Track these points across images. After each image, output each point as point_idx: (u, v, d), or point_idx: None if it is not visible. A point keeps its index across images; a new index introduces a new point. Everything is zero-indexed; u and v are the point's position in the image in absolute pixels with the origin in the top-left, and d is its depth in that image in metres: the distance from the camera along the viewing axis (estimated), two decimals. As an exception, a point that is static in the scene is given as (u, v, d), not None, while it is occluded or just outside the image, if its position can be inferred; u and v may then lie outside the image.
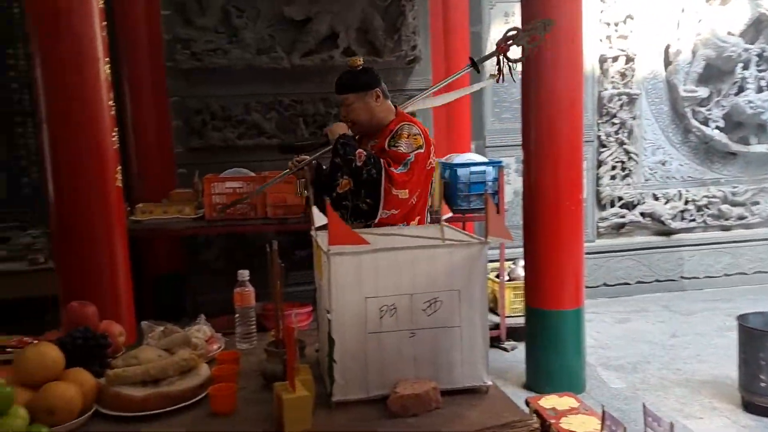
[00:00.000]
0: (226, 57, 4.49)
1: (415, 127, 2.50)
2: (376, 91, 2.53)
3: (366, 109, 2.53)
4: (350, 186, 2.41)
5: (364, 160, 2.38)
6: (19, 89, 4.49)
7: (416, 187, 2.44)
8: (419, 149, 2.44)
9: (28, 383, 1.39)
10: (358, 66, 2.56)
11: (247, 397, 1.55)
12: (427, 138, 2.50)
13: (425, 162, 2.48)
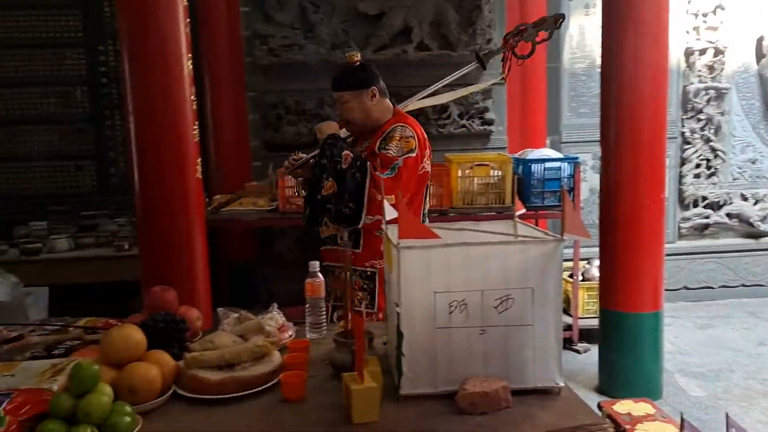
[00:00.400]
0: (301, 52, 4.58)
1: (409, 129, 2.36)
2: (372, 89, 2.38)
3: (361, 108, 2.39)
4: (334, 188, 2.29)
5: (350, 163, 2.26)
6: (108, 84, 4.74)
7: (405, 193, 2.28)
8: (410, 153, 2.31)
9: (113, 363, 1.46)
10: (355, 62, 2.42)
11: (316, 385, 1.57)
12: (421, 140, 2.36)
13: (416, 166, 2.33)
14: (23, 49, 4.63)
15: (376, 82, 2.40)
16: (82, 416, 1.25)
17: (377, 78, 2.43)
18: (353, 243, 2.36)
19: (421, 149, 2.35)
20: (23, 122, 4.68)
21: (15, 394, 1.32)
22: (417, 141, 2.34)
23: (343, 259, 1.67)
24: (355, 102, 2.39)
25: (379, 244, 2.31)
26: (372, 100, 2.38)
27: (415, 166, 2.32)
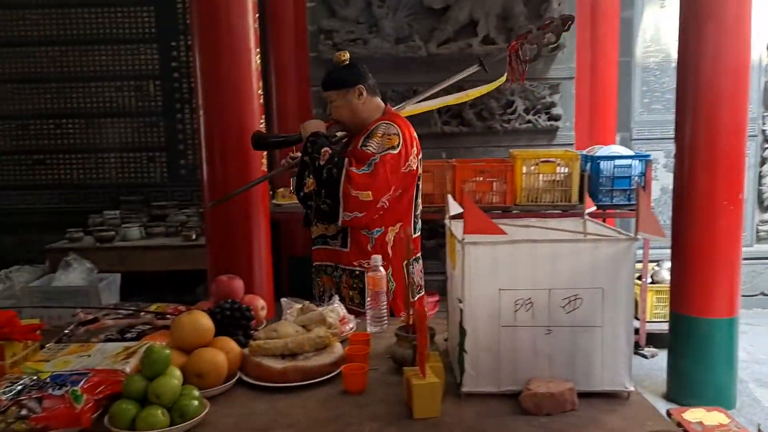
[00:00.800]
0: (365, 47, 4.59)
1: (394, 126, 2.29)
2: (358, 87, 2.33)
3: (348, 106, 2.35)
4: (315, 186, 2.29)
5: (327, 159, 2.23)
6: (179, 78, 4.89)
7: (384, 190, 2.23)
8: (390, 150, 2.24)
9: (182, 347, 1.51)
10: (343, 61, 2.38)
11: (377, 378, 1.57)
12: (407, 139, 2.29)
13: (398, 163, 2.25)
14: (101, 45, 4.84)
15: (363, 81, 2.35)
16: (153, 398, 1.30)
17: (365, 77, 2.38)
18: (341, 242, 2.34)
19: (407, 147, 2.29)
20: (99, 115, 4.89)
21: (91, 374, 1.38)
22: (401, 139, 2.27)
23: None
24: (342, 101, 2.36)
25: (366, 244, 2.31)
26: (359, 99, 2.34)
27: (397, 163, 2.25)
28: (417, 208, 2.44)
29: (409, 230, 2.34)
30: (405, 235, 1.84)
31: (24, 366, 1.52)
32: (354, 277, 2.35)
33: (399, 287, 2.34)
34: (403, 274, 2.28)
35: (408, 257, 1.74)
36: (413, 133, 2.36)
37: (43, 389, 1.31)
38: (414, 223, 2.42)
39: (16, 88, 4.84)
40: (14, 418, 1.24)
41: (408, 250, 1.71)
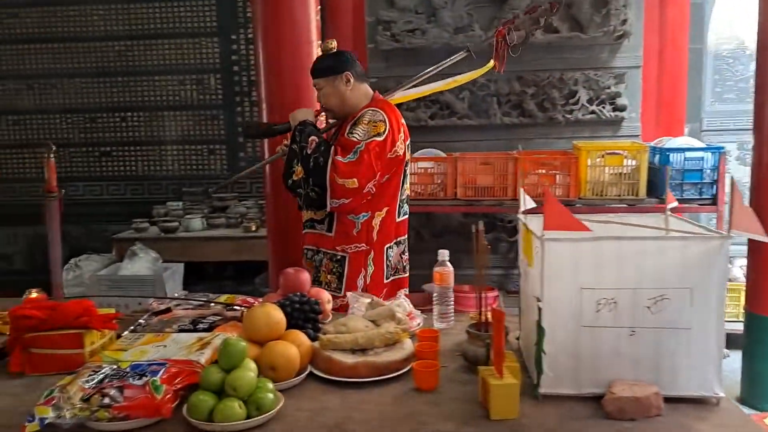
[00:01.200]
0: (423, 37, 4.53)
1: (380, 113, 2.31)
2: (345, 74, 2.36)
3: (336, 94, 2.39)
4: (303, 174, 2.31)
5: (314, 147, 2.26)
6: (239, 71, 4.96)
7: (369, 176, 2.25)
8: (376, 137, 2.26)
9: (255, 340, 1.51)
10: (331, 49, 2.41)
11: (448, 376, 1.54)
12: (394, 125, 2.31)
13: (384, 150, 2.27)
14: (164, 40, 4.94)
15: (350, 68, 2.38)
16: (230, 390, 1.30)
17: (352, 63, 2.40)
18: (327, 227, 2.38)
19: (393, 133, 2.30)
20: (162, 108, 5.01)
21: (169, 364, 1.40)
22: (388, 125, 2.29)
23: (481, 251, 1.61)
24: (330, 88, 2.39)
25: (351, 229, 2.35)
26: (347, 86, 2.37)
27: (383, 150, 2.27)
28: (403, 193, 2.46)
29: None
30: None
31: (103, 354, 1.56)
32: (335, 262, 2.38)
33: (377, 271, 2.38)
34: (382, 257, 2.43)
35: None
36: (400, 119, 2.39)
37: (123, 378, 1.34)
38: (399, 208, 2.46)
39: (84, 83, 5.01)
40: (97, 407, 1.27)
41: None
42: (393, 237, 2.45)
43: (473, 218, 4.64)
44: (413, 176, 4.02)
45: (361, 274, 2.38)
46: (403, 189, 2.46)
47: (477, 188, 3.92)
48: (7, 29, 4.97)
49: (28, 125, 5.06)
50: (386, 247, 2.43)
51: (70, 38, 4.97)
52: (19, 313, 1.60)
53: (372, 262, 2.39)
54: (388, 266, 2.44)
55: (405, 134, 2.40)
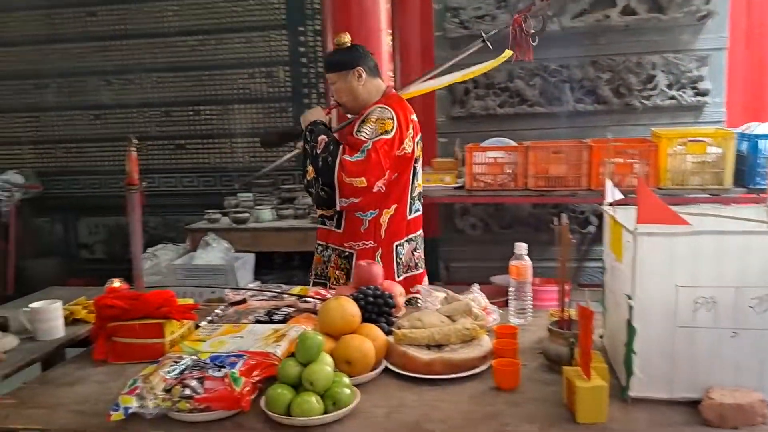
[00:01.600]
0: (493, 23, 4.41)
1: (389, 110, 2.28)
2: (357, 69, 2.34)
3: (348, 89, 2.37)
4: (314, 174, 2.29)
5: (323, 147, 2.25)
6: (307, 63, 4.98)
7: (378, 174, 2.21)
8: (383, 135, 2.23)
9: (329, 333, 1.50)
10: (344, 43, 2.38)
11: (528, 375, 1.48)
12: (402, 122, 2.27)
13: (392, 148, 2.25)
14: (235, 33, 5.02)
15: (362, 63, 2.36)
16: (307, 384, 1.29)
17: (365, 59, 2.38)
18: (336, 223, 2.38)
19: (401, 130, 2.28)
20: (233, 102, 5.10)
21: (247, 357, 1.40)
22: (396, 122, 2.26)
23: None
24: (342, 83, 2.37)
25: (359, 226, 2.33)
26: (358, 81, 2.35)
27: (391, 148, 2.25)
28: (414, 190, 2.44)
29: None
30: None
31: (183, 344, 1.58)
32: (343, 258, 2.37)
33: (386, 268, 2.31)
34: (392, 255, 2.40)
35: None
36: (410, 115, 2.35)
37: (203, 370, 1.35)
38: (410, 205, 2.43)
39: (159, 78, 5.15)
40: (179, 398, 1.29)
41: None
42: (404, 234, 2.42)
43: (544, 209, 4.53)
44: (482, 166, 3.94)
45: None
46: (414, 186, 2.43)
47: (549, 178, 3.80)
48: (88, 27, 5.17)
49: (108, 119, 5.26)
50: (395, 245, 2.40)
51: (146, 34, 5.11)
52: (103, 302, 1.64)
53: (380, 260, 2.35)
54: (399, 264, 2.42)
55: (414, 130, 2.37)
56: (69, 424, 1.34)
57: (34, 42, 5.24)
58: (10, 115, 5.40)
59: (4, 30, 5.27)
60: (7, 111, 5.40)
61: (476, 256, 4.64)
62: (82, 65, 5.23)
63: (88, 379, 1.55)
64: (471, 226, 4.79)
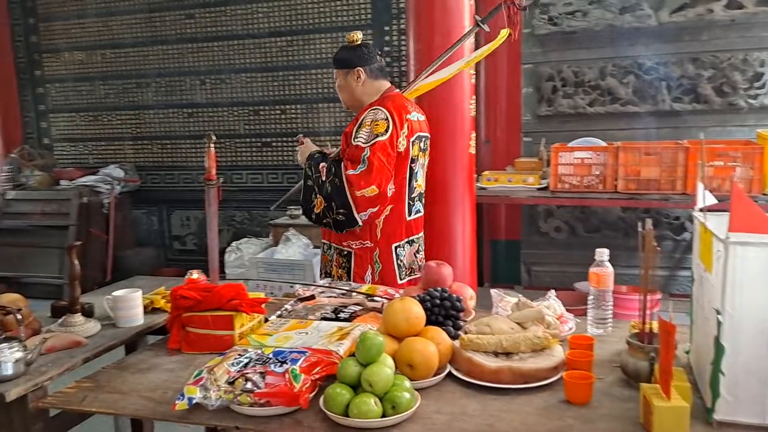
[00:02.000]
0: (585, 19, 4.25)
1: (382, 111, 2.26)
2: (356, 70, 2.36)
3: (346, 87, 2.41)
4: (324, 204, 2.28)
5: (326, 172, 2.27)
6: (390, 63, 4.98)
7: (386, 178, 2.23)
8: (378, 137, 2.21)
9: (393, 335, 1.47)
10: (353, 42, 2.41)
11: (602, 389, 1.39)
12: (396, 120, 2.25)
13: (393, 147, 2.24)
14: (321, 34, 5.10)
15: (363, 64, 2.36)
16: (366, 385, 1.27)
17: (367, 60, 2.37)
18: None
19: (396, 128, 2.25)
20: (317, 101, 5.18)
21: (309, 353, 1.40)
22: (390, 122, 2.25)
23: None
24: (343, 81, 2.41)
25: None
26: (356, 81, 2.37)
27: (386, 148, 2.23)
28: (414, 191, 2.40)
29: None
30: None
31: (250, 338, 1.60)
32: (343, 257, 2.38)
33: (386, 269, 2.34)
34: (391, 256, 2.37)
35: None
36: (406, 115, 2.31)
37: (266, 364, 1.35)
38: (410, 206, 2.40)
39: (249, 78, 5.33)
40: (240, 391, 1.29)
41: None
42: (403, 236, 2.39)
43: (634, 213, 4.30)
44: (568, 167, 3.80)
45: (368, 271, 2.36)
46: (413, 186, 2.39)
47: (640, 181, 3.60)
48: (186, 29, 5.42)
49: (200, 117, 5.50)
50: (394, 246, 2.37)
51: (238, 36, 5.30)
52: (178, 293, 1.69)
53: (379, 260, 2.35)
54: (400, 266, 2.39)
55: (410, 130, 2.32)
56: (138, 410, 1.38)
57: (136, 44, 5.56)
58: (115, 112, 5.75)
59: (111, 33, 5.62)
60: (112, 109, 5.75)
61: (560, 261, 4.48)
62: (179, 66, 5.49)
63: (161, 366, 1.60)
64: (555, 229, 4.62)
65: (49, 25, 5.78)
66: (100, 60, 5.69)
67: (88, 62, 5.73)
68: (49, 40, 5.80)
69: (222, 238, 5.34)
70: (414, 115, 2.38)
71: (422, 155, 2.44)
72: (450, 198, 3.09)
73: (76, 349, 1.63)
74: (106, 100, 5.73)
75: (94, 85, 5.74)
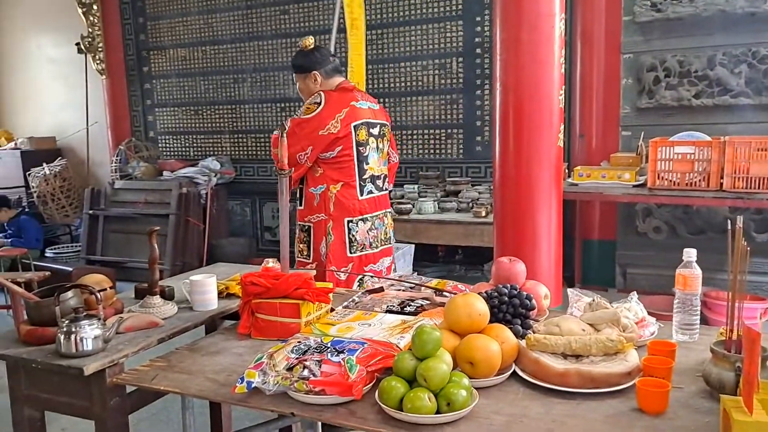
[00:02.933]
0: (692, 4, 3.96)
1: (320, 96, 2.58)
2: (313, 74, 2.62)
3: (306, 89, 2.67)
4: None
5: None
6: (481, 54, 4.88)
7: (294, 145, 2.46)
8: (302, 116, 2.57)
9: (455, 330, 1.42)
10: (306, 47, 2.65)
11: (681, 399, 1.28)
12: (331, 105, 2.55)
13: (309, 125, 2.53)
14: (412, 26, 5.08)
15: (319, 67, 2.62)
16: (421, 380, 1.23)
17: (321, 63, 2.63)
18: (299, 201, 2.68)
19: (330, 112, 2.54)
20: (406, 94, 5.17)
21: (367, 344, 1.38)
22: (323, 106, 2.54)
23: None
24: (303, 84, 2.68)
25: (312, 201, 2.62)
26: (315, 84, 2.64)
27: (307, 124, 2.53)
28: (364, 173, 2.66)
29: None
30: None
31: (314, 326, 1.61)
32: (304, 231, 2.67)
33: (337, 241, 2.61)
34: (343, 230, 2.63)
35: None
36: (352, 101, 2.61)
37: (323, 353, 1.35)
38: (361, 187, 2.66)
39: (340, 72, 5.40)
40: (297, 378, 1.30)
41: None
42: (357, 213, 2.64)
43: (744, 214, 3.96)
44: (668, 162, 3.56)
45: (323, 242, 2.63)
46: (363, 169, 2.65)
47: (749, 179, 3.32)
48: (280, 25, 5.58)
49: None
50: (347, 221, 2.63)
51: (329, 30, 5.38)
52: (249, 280, 1.73)
53: (331, 232, 2.62)
54: (352, 240, 2.64)
55: (351, 116, 2.58)
56: (202, 391, 1.42)
57: (234, 40, 5.79)
58: (213, 107, 6.03)
59: (211, 30, 5.89)
60: (211, 103, 6.03)
61: (658, 263, 4.22)
62: (273, 61, 5.66)
63: (229, 350, 1.64)
64: (654, 229, 4.36)
65: (156, 23, 6.14)
66: (200, 56, 5.98)
67: (190, 59, 6.03)
68: (156, 38, 6.16)
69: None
70: (363, 104, 2.66)
71: (377, 141, 2.71)
72: (534, 193, 2.98)
73: (152, 329, 1.70)
74: (205, 95, 6.02)
75: (195, 81, 6.04)
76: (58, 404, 1.60)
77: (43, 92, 7.08)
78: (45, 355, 1.54)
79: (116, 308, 1.77)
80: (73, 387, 1.54)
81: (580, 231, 4.61)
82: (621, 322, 1.47)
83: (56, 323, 1.53)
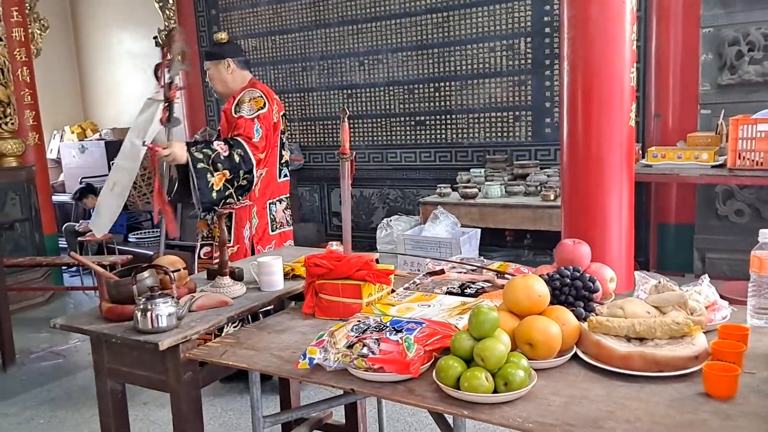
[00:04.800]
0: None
1: (256, 90, 2.88)
2: (227, 60, 2.92)
3: (219, 77, 2.95)
4: (226, 176, 2.68)
5: (226, 148, 2.68)
6: (550, 33, 4.75)
7: (269, 143, 2.83)
8: (261, 110, 2.81)
9: (514, 312, 1.42)
10: (220, 40, 2.98)
11: (752, 385, 1.23)
12: (268, 97, 2.87)
13: (270, 119, 2.85)
14: (478, 8, 5.00)
15: (231, 56, 2.93)
16: (478, 360, 1.24)
17: (234, 53, 2.96)
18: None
19: (270, 103, 2.86)
20: (473, 77, 5.11)
21: (425, 324, 1.40)
22: (265, 99, 2.84)
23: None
24: (215, 71, 2.95)
25: None
26: (227, 71, 2.93)
27: (268, 119, 2.83)
28: (282, 158, 2.98)
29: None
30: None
31: (374, 306, 1.65)
32: (226, 217, 2.65)
33: (261, 223, 2.90)
34: (266, 212, 2.94)
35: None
36: (272, 94, 2.93)
37: (382, 332, 1.38)
38: (280, 170, 2.99)
39: (405, 57, 5.39)
40: (357, 355, 1.33)
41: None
42: (276, 195, 2.97)
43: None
44: (750, 141, 3.38)
45: (246, 226, 2.86)
46: (281, 155, 2.96)
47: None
48: (347, 12, 5.62)
49: (359, 98, 5.70)
50: (269, 203, 2.94)
51: (396, 15, 5.38)
52: (312, 261, 1.78)
53: (256, 215, 2.88)
54: (273, 220, 2.95)
55: (279, 106, 2.93)
56: (267, 366, 1.48)
57: (302, 29, 5.89)
58: (283, 95, 6.16)
59: (280, 20, 6.01)
60: (281, 92, 6.17)
61: (740, 248, 4.00)
62: (339, 48, 5.72)
63: (294, 329, 1.70)
64: (736, 212, 4.15)
65: (228, 15, 6.33)
66: (270, 46, 6.11)
67: (260, 48, 6.18)
68: (228, 29, 6.34)
69: (377, 215, 5.51)
70: (276, 97, 2.95)
71: (285, 129, 3.02)
72: (605, 174, 2.89)
73: (222, 308, 1.78)
74: (275, 84, 6.15)
75: (265, 70, 6.19)
76: (137, 377, 1.70)
77: (124, 85, 7.46)
78: (123, 330, 1.64)
79: (189, 288, 1.86)
80: (149, 361, 1.63)
81: (656, 214, 4.45)
82: (688, 305, 1.42)
83: (134, 301, 1.63)
